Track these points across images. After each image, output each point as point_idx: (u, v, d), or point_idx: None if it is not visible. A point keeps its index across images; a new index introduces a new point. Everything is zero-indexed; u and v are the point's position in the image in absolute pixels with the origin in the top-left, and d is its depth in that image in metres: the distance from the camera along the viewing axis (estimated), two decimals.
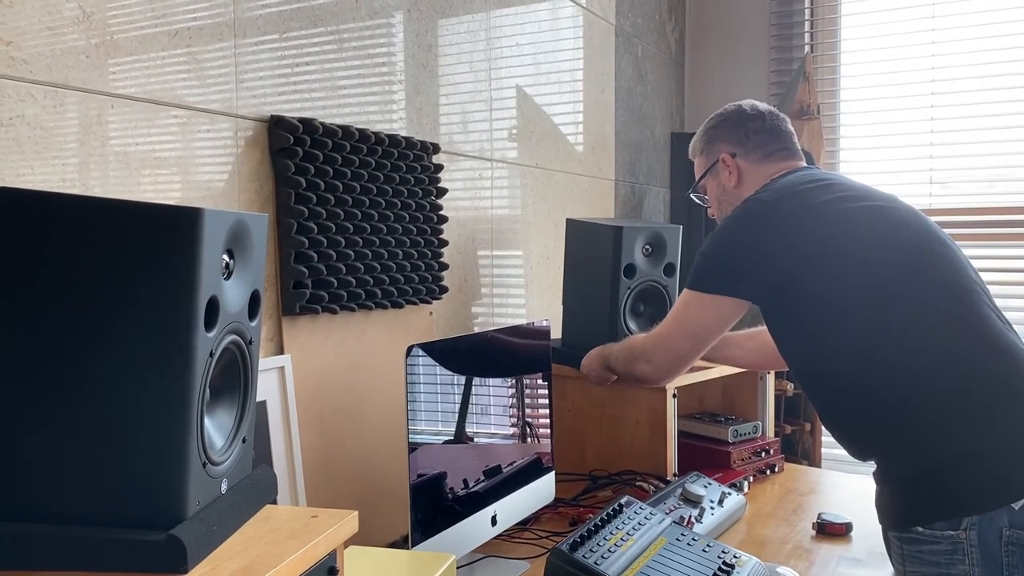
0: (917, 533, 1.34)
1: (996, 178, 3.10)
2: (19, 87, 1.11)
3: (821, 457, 3.01)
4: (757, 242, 1.52)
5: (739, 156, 1.70)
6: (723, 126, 1.75)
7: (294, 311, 1.53)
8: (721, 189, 1.74)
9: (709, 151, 1.76)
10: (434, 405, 1.49)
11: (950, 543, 1.30)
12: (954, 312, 1.40)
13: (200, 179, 1.38)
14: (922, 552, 1.33)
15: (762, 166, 1.68)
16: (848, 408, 1.47)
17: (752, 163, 1.69)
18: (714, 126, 1.76)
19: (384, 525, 1.72)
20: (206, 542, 0.83)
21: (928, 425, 1.36)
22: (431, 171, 1.88)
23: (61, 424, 0.80)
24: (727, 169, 1.71)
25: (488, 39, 2.18)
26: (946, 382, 1.36)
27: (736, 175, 1.70)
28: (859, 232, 1.47)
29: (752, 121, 1.72)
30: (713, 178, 1.76)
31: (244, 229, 0.89)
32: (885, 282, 1.42)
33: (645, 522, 1.57)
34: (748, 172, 1.69)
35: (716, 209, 1.77)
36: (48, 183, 1.15)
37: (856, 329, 1.42)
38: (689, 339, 1.63)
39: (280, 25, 1.53)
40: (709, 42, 3.50)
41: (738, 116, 1.74)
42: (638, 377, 1.78)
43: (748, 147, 1.70)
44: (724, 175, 1.72)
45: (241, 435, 0.93)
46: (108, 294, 0.79)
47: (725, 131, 1.74)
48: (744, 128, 1.71)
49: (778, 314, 1.55)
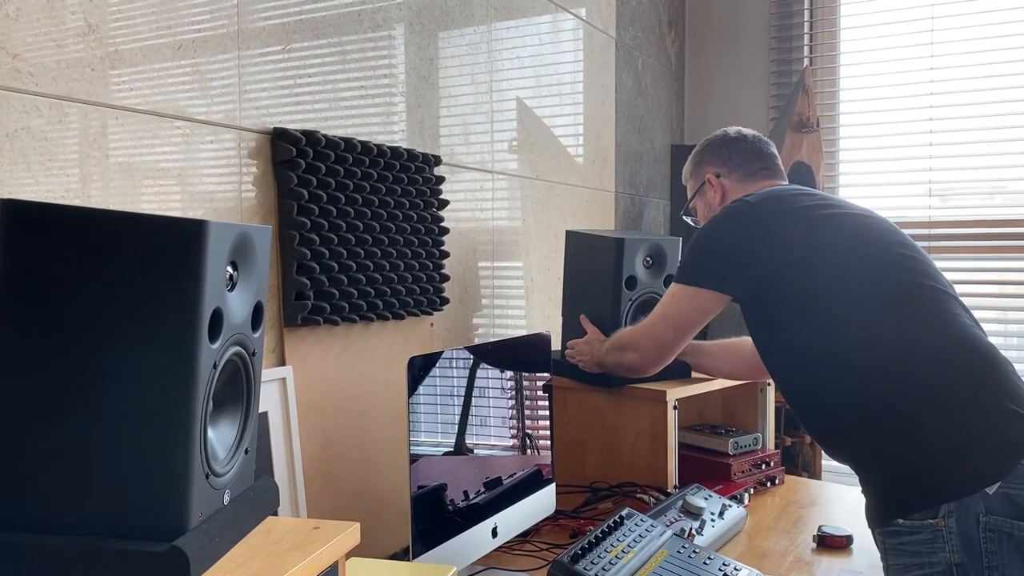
0: (898, 526, 1.37)
1: (995, 190, 3.11)
2: (24, 99, 1.11)
3: (822, 469, 3.01)
4: (741, 240, 1.62)
5: (723, 176, 1.83)
6: (708, 149, 1.88)
7: (296, 322, 1.53)
8: (708, 208, 1.85)
9: (697, 174, 1.89)
10: (435, 416, 1.50)
11: (930, 532, 1.33)
12: (925, 311, 1.47)
13: (203, 191, 1.39)
14: (904, 543, 1.37)
15: (744, 184, 1.79)
16: (823, 406, 1.53)
17: (735, 181, 1.81)
18: (701, 150, 1.89)
19: (385, 537, 1.72)
20: (209, 553, 0.83)
21: (901, 418, 1.40)
22: (432, 183, 1.88)
23: (64, 434, 0.80)
24: (712, 188, 1.83)
25: (489, 51, 2.19)
26: (917, 376, 1.41)
27: (720, 193, 1.82)
28: (838, 237, 1.56)
29: (735, 143, 1.84)
30: (701, 198, 1.88)
31: (248, 241, 0.89)
32: (859, 284, 1.50)
33: (646, 534, 1.57)
34: (731, 190, 1.81)
35: None
36: (52, 195, 1.15)
37: (830, 328, 1.49)
38: (673, 329, 1.72)
39: (283, 37, 1.54)
40: (709, 55, 3.52)
41: (722, 140, 1.86)
42: (626, 366, 1.84)
43: (731, 166, 1.82)
44: (710, 194, 1.84)
45: (243, 446, 0.94)
46: (112, 305, 0.79)
47: (710, 154, 1.86)
48: (727, 149, 1.84)
49: (757, 312, 1.63)
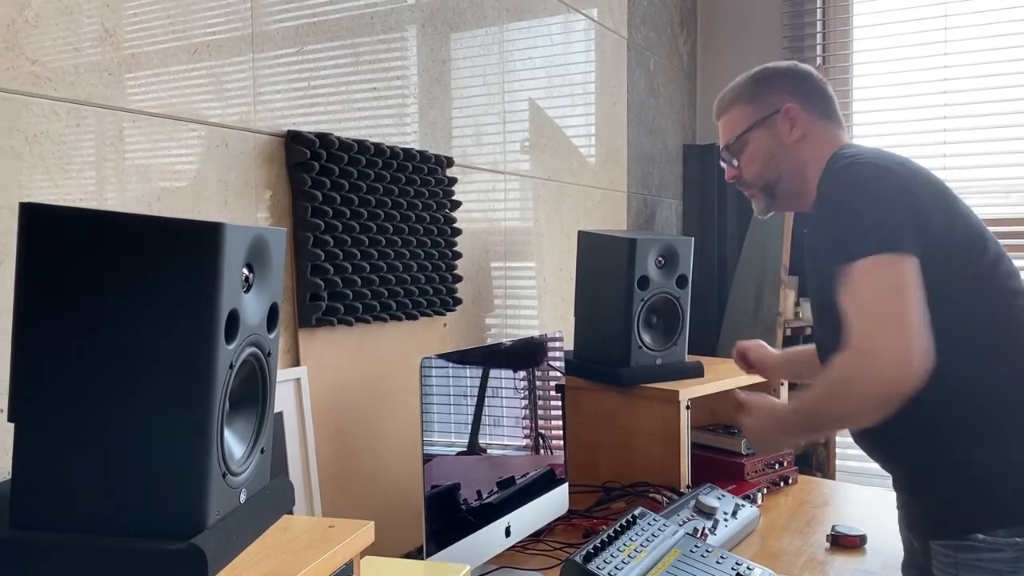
0: (976, 541, 1.28)
1: (1011, 189, 3.09)
2: (43, 104, 1.13)
3: (836, 469, 3.00)
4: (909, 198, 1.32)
5: (805, 110, 1.50)
6: (779, 78, 1.55)
7: (310, 323, 1.54)
8: (776, 144, 1.52)
9: (762, 102, 1.53)
10: (448, 416, 1.50)
11: (1015, 550, 1.26)
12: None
13: (218, 193, 1.40)
14: (982, 560, 1.28)
15: (825, 128, 1.51)
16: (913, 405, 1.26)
17: (816, 120, 1.51)
18: (766, 78, 1.56)
19: (399, 536, 1.73)
20: (226, 551, 0.84)
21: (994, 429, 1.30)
22: (444, 184, 1.89)
23: (82, 435, 0.81)
24: (790, 121, 1.50)
25: (501, 53, 2.20)
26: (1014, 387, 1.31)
27: (801, 129, 1.50)
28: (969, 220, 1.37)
29: (811, 78, 1.55)
30: (766, 131, 1.52)
31: (263, 243, 0.90)
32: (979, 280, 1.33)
33: (659, 534, 1.58)
34: (814, 130, 1.50)
35: (755, 169, 1.55)
36: (70, 198, 1.17)
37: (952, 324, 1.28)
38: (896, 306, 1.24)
39: (297, 40, 1.55)
40: (721, 54, 3.52)
41: (794, 70, 1.55)
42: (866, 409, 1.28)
43: (812, 101, 1.51)
44: (784, 127, 1.51)
45: (260, 446, 0.95)
46: (130, 307, 0.81)
47: (782, 83, 1.54)
48: (804, 81, 1.54)
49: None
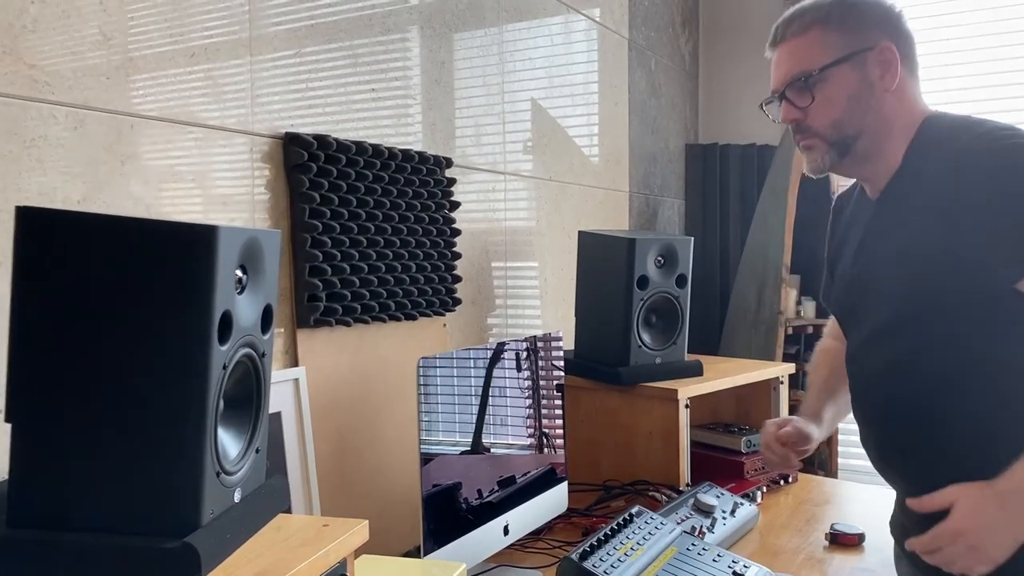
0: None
1: None
2: (42, 108, 1.14)
3: (837, 467, 3.00)
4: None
5: (900, 56, 1.25)
6: (878, 8, 1.27)
7: (308, 324, 1.56)
8: (866, 88, 1.25)
9: (855, 31, 1.25)
10: (447, 416, 1.51)
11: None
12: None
13: (216, 195, 1.41)
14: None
15: (913, 85, 1.28)
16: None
17: (908, 73, 1.27)
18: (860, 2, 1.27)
19: (398, 535, 1.74)
20: (220, 549, 0.85)
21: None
22: (444, 184, 1.90)
23: (77, 435, 0.83)
24: (883, 65, 1.24)
25: (501, 53, 2.21)
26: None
27: (894, 76, 1.24)
28: None
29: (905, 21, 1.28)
30: (855, 70, 1.25)
31: (257, 246, 0.91)
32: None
33: (656, 532, 1.58)
34: (906, 82, 1.26)
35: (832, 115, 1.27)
36: (68, 202, 1.18)
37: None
38: None
39: (295, 42, 1.56)
40: (723, 54, 3.52)
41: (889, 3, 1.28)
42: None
43: (905, 51, 1.26)
44: (875, 70, 1.24)
45: (254, 446, 0.96)
46: (124, 309, 0.82)
47: (879, 15, 1.26)
48: (902, 24, 1.27)
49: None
